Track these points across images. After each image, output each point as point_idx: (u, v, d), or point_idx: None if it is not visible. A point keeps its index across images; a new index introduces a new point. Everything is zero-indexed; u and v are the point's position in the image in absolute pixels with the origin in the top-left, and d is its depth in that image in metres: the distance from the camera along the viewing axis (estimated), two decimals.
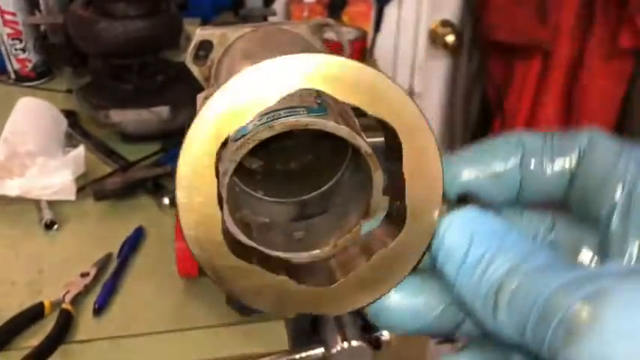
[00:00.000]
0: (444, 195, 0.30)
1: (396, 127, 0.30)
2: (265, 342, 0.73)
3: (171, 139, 1.04)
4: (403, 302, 0.30)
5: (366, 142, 0.37)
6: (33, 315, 0.70)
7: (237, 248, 0.32)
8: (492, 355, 0.29)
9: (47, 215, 0.86)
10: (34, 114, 0.98)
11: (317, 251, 0.41)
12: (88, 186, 0.93)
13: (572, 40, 1.66)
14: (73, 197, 0.90)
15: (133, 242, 0.83)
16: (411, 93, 1.83)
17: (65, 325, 0.69)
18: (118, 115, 1.00)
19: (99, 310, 0.72)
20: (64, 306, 0.71)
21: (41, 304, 0.71)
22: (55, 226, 0.86)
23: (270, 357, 0.53)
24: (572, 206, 0.30)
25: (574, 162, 0.29)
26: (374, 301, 0.30)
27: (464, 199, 0.30)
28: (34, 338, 0.68)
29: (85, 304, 0.73)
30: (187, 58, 0.50)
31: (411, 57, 1.83)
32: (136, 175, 0.94)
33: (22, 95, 1.03)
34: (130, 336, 0.70)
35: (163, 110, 1.00)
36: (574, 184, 0.29)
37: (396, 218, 0.31)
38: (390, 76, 0.29)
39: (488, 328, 0.26)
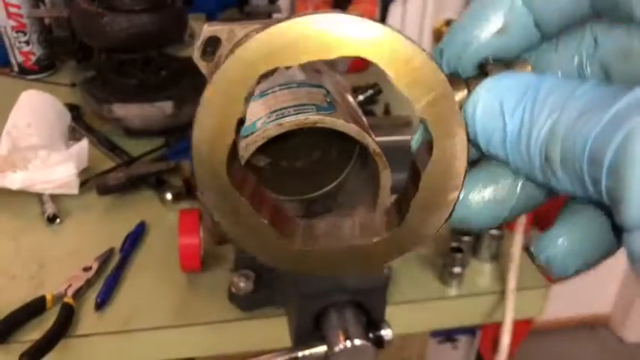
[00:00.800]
0: (457, 76, 0.27)
1: None
2: (267, 339, 0.73)
3: (175, 134, 1.04)
4: (479, 198, 0.27)
5: (374, 141, 0.37)
6: (34, 309, 0.70)
7: (290, 233, 0.29)
8: (585, 223, 0.25)
9: (49, 209, 0.86)
10: (37, 107, 0.98)
11: None
12: (91, 180, 0.93)
13: None
14: (76, 191, 0.90)
15: (136, 237, 0.83)
16: None
17: (67, 319, 0.69)
18: (121, 110, 1.00)
19: (101, 304, 0.72)
20: (65, 300, 0.71)
21: (43, 298, 0.71)
22: (58, 220, 0.86)
23: (271, 354, 0.53)
24: (604, 12, 0.25)
25: None
26: (449, 216, 0.27)
27: (483, 68, 0.26)
28: (35, 332, 0.68)
29: (87, 299, 0.73)
30: (195, 54, 0.50)
31: None
32: (139, 169, 0.94)
33: (26, 88, 1.03)
34: (132, 331, 0.70)
35: (167, 105, 1.00)
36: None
37: (425, 132, 0.26)
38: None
39: (558, 192, 0.23)
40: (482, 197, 0.27)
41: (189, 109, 1.04)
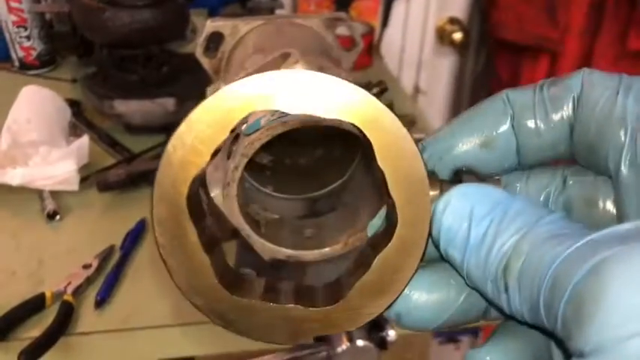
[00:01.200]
0: (434, 176, 0.27)
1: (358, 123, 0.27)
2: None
3: None
4: (422, 300, 0.28)
5: None
6: (34, 306, 0.70)
7: (236, 287, 0.30)
8: (520, 344, 0.26)
9: (49, 205, 0.86)
10: (37, 103, 0.97)
11: (327, 249, 0.41)
12: (91, 177, 0.92)
13: (581, 41, 1.64)
14: (76, 188, 0.89)
15: (136, 235, 0.82)
16: (416, 90, 1.82)
17: (66, 317, 0.68)
18: (122, 106, 0.99)
19: (100, 302, 0.71)
20: (65, 297, 0.70)
21: (42, 295, 0.70)
22: (58, 217, 0.85)
23: (272, 355, 0.52)
24: (578, 159, 0.27)
25: (570, 110, 0.26)
26: (389, 306, 0.29)
27: (458, 175, 0.28)
28: (34, 329, 0.67)
29: (87, 296, 0.73)
30: (198, 49, 0.49)
31: (418, 54, 1.81)
32: (139, 167, 0.93)
33: (26, 84, 1.02)
34: (131, 329, 0.69)
35: (168, 102, 1.00)
36: (575, 134, 0.26)
37: (391, 214, 0.28)
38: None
39: (504, 310, 0.24)
40: (425, 299, 0.28)
41: (191, 106, 1.03)
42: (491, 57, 1.82)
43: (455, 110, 1.98)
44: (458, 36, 1.82)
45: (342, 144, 0.43)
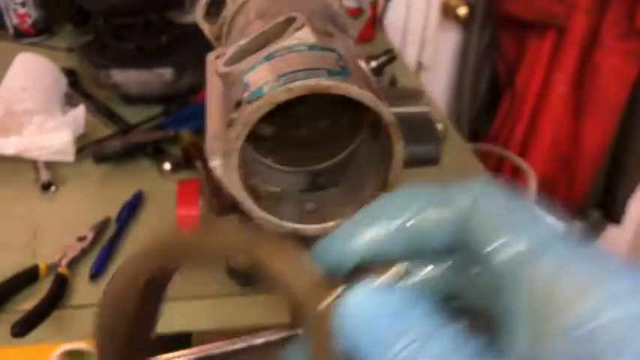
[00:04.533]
0: (333, 277, 0.26)
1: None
2: (266, 314, 0.71)
3: (174, 102, 1.01)
4: None
5: (389, 111, 0.34)
6: (27, 278, 0.68)
7: None
8: None
9: (44, 176, 0.84)
10: (32, 71, 0.94)
11: (330, 224, 0.39)
12: (87, 148, 0.90)
13: (588, 17, 1.61)
14: (71, 158, 0.88)
15: (132, 207, 0.80)
16: (419, 66, 1.79)
17: (60, 289, 0.67)
18: (119, 75, 0.97)
19: (95, 275, 0.70)
20: (59, 270, 0.69)
21: (36, 267, 0.69)
22: (52, 188, 0.83)
23: (272, 330, 0.51)
24: (466, 252, 0.27)
25: (463, 215, 0.26)
26: None
27: (356, 271, 0.26)
28: (28, 302, 0.66)
29: (81, 269, 0.71)
30: (198, 14, 0.47)
31: (422, 28, 1.78)
32: (136, 138, 0.91)
33: (21, 52, 1.00)
34: None
35: (167, 72, 0.97)
36: (463, 239, 0.26)
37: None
38: None
39: None
40: None
41: (189, 77, 1.01)
42: (496, 33, 1.79)
43: (458, 87, 1.95)
44: (463, 11, 1.78)
45: (347, 116, 0.41)
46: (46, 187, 0.83)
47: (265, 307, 0.71)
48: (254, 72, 0.34)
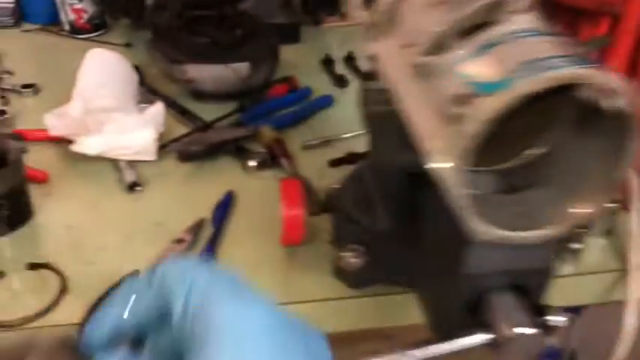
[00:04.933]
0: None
1: None
2: (376, 318, 0.68)
3: (247, 97, 0.97)
4: None
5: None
6: None
7: None
8: None
9: (129, 176, 0.81)
10: (107, 67, 0.91)
11: (544, 231, 0.36)
12: (168, 146, 0.87)
13: None
14: (154, 157, 0.85)
15: (225, 207, 0.77)
16: None
17: None
18: (194, 70, 0.93)
19: None
20: None
21: (137, 273, 0.66)
22: (138, 188, 0.80)
23: (424, 347, 0.48)
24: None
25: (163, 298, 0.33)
26: None
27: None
28: None
29: None
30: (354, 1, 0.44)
31: None
32: (219, 135, 0.88)
33: (77, 48, 0.97)
34: None
35: (243, 67, 0.94)
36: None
37: None
38: None
39: None
40: None
41: (264, 71, 0.97)
42: (549, 19, 1.75)
43: None
44: None
45: (548, 105, 0.38)
46: (131, 187, 0.80)
47: (376, 311, 0.68)
48: (473, 61, 0.30)
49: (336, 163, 0.85)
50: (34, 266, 0.67)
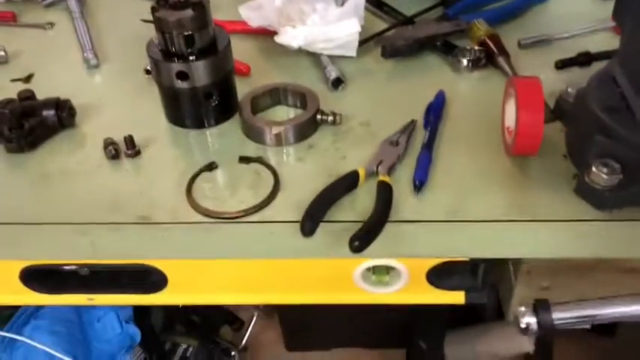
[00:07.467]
0: None
1: None
2: (626, 246, 0.59)
3: None
4: None
5: None
6: (348, 184, 0.61)
7: None
8: None
9: (333, 72, 0.75)
10: None
11: None
12: (368, 42, 0.80)
13: None
14: (354, 53, 0.78)
15: (438, 109, 0.70)
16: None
17: (388, 200, 0.59)
18: None
19: (419, 186, 0.60)
20: (381, 178, 0.61)
21: (356, 173, 0.61)
22: (342, 85, 0.75)
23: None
24: None
25: None
26: None
27: None
28: (348, 212, 0.59)
29: (400, 178, 0.62)
30: None
31: None
32: (423, 31, 0.80)
33: None
34: (460, 221, 0.58)
35: None
36: None
37: None
38: None
39: None
40: None
41: None
42: None
43: None
44: None
45: None
46: (335, 84, 0.75)
47: (624, 238, 0.58)
48: None
49: (564, 64, 0.74)
50: (246, 159, 0.65)
